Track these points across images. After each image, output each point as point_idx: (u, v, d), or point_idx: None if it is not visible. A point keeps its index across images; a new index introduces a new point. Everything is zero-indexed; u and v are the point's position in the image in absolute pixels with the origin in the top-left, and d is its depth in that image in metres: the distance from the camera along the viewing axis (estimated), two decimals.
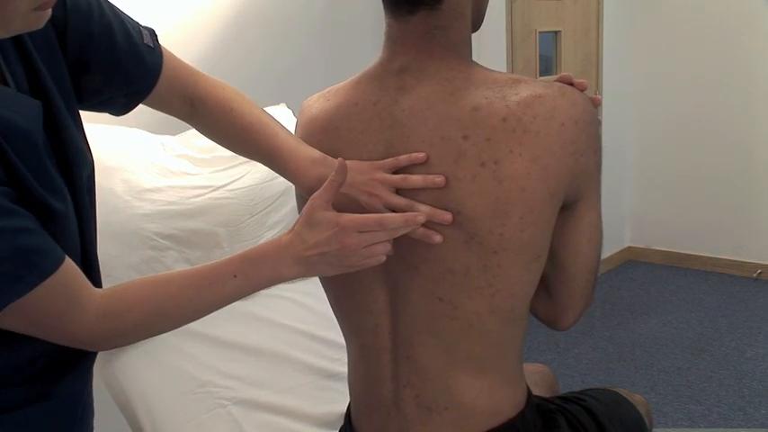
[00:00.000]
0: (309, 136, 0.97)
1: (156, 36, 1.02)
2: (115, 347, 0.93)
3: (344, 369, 1.06)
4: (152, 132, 1.57)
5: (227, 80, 1.08)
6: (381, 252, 0.85)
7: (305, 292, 1.57)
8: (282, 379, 1.39)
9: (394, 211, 0.86)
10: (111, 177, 1.38)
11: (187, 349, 1.38)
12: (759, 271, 3.65)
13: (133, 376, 1.31)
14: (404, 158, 0.86)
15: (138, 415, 1.28)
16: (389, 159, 0.87)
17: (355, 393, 1.03)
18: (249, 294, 0.89)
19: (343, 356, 1.05)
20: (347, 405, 1.06)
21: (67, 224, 0.84)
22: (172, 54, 1.04)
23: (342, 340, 1.05)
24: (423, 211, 0.84)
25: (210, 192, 1.46)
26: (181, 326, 0.92)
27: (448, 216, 0.83)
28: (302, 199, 0.98)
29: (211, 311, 0.90)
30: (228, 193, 1.49)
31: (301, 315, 1.53)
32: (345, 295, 0.97)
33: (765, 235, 3.67)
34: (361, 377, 0.99)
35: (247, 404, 1.33)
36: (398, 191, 0.87)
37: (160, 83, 1.00)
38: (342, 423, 1.09)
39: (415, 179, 0.85)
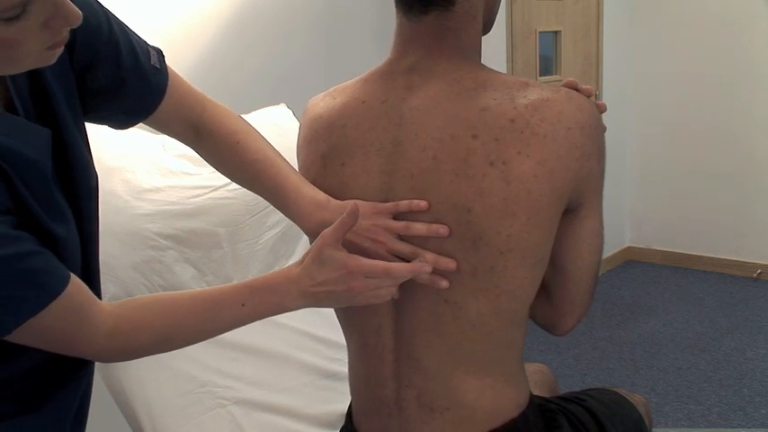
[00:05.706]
0: (314, 133, 0.96)
1: (164, 57, 1.00)
2: (122, 361, 0.98)
3: (344, 369, 1.06)
4: (152, 132, 1.57)
5: (227, 80, 1.07)
6: (387, 295, 0.87)
7: None
8: (282, 379, 1.39)
9: (398, 256, 0.88)
10: (111, 177, 1.38)
11: (187, 349, 1.37)
12: (759, 271, 3.65)
13: (133, 376, 1.31)
14: (404, 204, 0.86)
15: (138, 415, 1.28)
16: (390, 204, 0.88)
17: (356, 393, 1.02)
18: (254, 321, 0.90)
19: (344, 356, 1.05)
20: (348, 405, 1.06)
21: (69, 247, 0.84)
22: (181, 78, 1.02)
23: (342, 340, 1.05)
24: (427, 259, 0.85)
25: (210, 192, 1.46)
26: (185, 346, 0.94)
27: (453, 264, 0.84)
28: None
29: (216, 335, 0.92)
30: (228, 193, 1.49)
31: (301, 315, 1.51)
32: None
33: (765, 235, 3.67)
34: (363, 377, 0.99)
35: (247, 404, 1.33)
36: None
37: (164, 106, 0.99)
38: (342, 423, 1.09)
39: (419, 227, 0.85)
